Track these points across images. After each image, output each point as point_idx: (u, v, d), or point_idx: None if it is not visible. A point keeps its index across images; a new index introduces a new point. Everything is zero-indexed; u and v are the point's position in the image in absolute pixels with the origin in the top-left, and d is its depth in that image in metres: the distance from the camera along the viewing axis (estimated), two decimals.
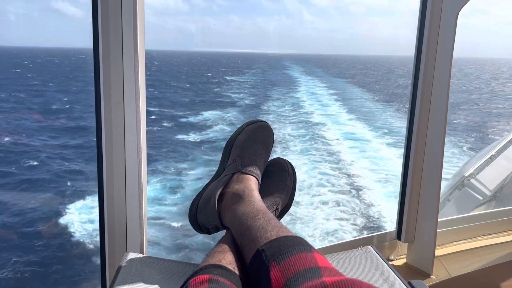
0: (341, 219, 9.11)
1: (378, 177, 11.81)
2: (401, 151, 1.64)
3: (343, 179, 11.61)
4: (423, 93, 1.51)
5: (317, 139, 16.78)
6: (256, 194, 0.90)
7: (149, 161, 13.50)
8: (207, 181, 1.01)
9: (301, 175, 11.65)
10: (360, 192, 10.69)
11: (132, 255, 0.97)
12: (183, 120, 22.16)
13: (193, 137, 18.23)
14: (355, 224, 8.97)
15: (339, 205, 9.80)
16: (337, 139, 16.87)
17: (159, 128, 20.11)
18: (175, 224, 9.07)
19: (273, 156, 1.06)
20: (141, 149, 1.05)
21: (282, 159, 1.05)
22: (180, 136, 18.28)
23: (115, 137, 1.06)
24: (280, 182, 1.00)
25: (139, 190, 1.07)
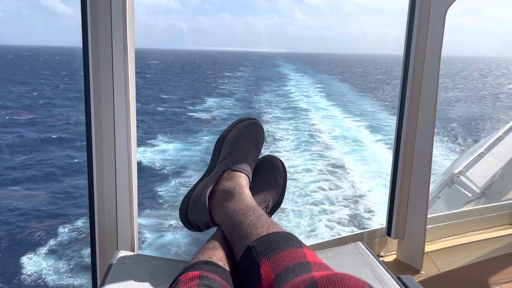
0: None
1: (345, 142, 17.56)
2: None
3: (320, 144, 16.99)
4: (412, 91, 1.53)
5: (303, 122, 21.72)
6: (246, 191, 0.90)
7: (168, 132, 19.76)
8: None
9: (289, 139, 17.44)
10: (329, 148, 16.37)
11: (122, 253, 0.97)
12: (191, 107, 27.78)
13: (202, 114, 24.49)
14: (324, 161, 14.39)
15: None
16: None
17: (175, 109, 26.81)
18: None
19: (264, 152, 1.08)
20: (131, 147, 1.05)
21: (272, 156, 1.06)
22: (191, 113, 24.67)
23: (105, 135, 1.06)
24: (270, 179, 1.00)
25: (130, 188, 1.07)
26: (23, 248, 8.55)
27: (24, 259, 8.09)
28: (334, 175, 12.95)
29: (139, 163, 13.99)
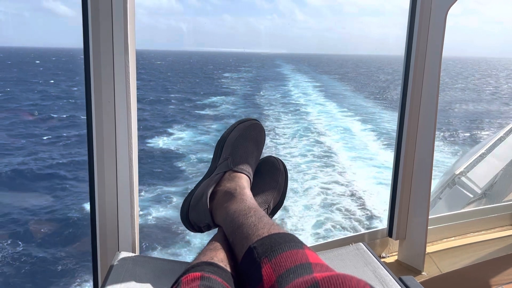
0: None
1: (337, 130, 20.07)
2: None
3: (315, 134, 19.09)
4: (413, 93, 1.53)
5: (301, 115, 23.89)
6: (247, 192, 0.90)
7: (177, 121, 22.31)
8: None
9: (290, 128, 20.01)
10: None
11: (124, 254, 0.97)
12: (199, 103, 30.30)
13: (207, 112, 26.35)
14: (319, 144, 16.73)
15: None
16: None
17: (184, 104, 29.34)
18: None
19: (265, 152, 1.08)
20: (132, 148, 1.05)
21: (273, 157, 1.05)
22: (197, 111, 26.68)
23: (106, 136, 1.06)
24: (271, 180, 1.00)
25: (131, 189, 1.07)
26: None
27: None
28: (326, 158, 15.00)
29: (157, 149, 16.69)
